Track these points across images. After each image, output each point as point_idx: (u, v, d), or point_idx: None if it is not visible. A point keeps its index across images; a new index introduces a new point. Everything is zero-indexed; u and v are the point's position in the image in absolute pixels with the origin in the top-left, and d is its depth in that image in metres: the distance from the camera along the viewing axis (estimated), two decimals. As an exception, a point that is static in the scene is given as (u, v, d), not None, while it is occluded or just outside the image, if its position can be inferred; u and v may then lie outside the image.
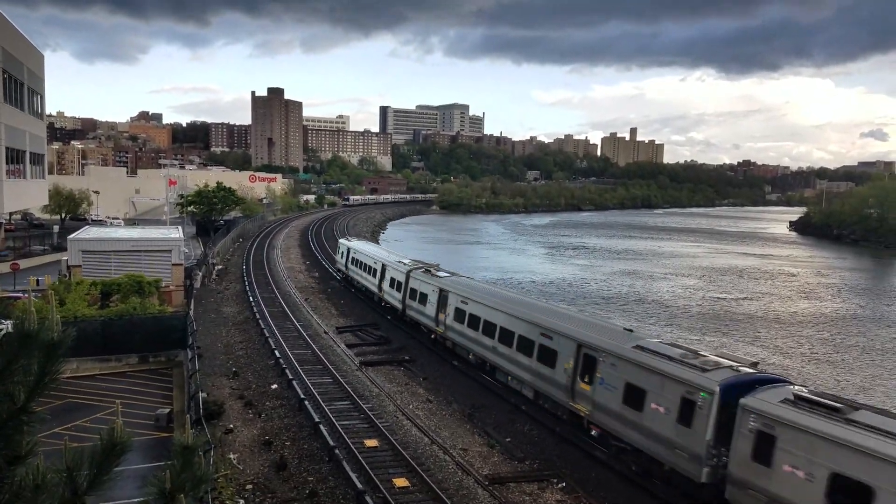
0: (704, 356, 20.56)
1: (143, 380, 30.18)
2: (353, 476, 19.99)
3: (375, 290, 46.58)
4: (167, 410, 25.02)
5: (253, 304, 46.65)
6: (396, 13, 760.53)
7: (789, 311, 63.10)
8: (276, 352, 34.01)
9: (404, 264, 42.44)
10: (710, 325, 55.73)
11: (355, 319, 44.59)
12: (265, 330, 38.85)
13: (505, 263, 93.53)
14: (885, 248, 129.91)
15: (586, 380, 23.21)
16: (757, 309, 63.16)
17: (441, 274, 38.43)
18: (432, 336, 36.95)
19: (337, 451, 21.77)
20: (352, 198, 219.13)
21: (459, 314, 32.91)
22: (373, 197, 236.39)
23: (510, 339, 28.19)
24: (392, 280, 43.04)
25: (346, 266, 55.21)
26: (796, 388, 18.02)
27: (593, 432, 23.12)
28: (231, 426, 24.69)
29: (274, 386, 29.52)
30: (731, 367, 19.40)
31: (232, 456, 22.10)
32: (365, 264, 49.60)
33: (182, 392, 27.81)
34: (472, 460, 22.45)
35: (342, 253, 57.06)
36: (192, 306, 40.28)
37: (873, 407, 17.31)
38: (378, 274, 45.95)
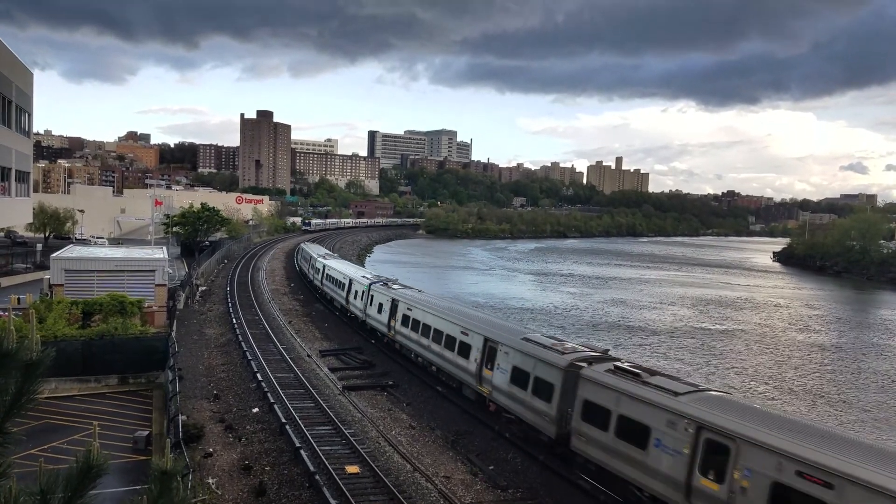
0: (391, 281, 44.90)
1: (123, 401, 29.75)
2: (334, 503, 19.71)
3: (307, 272, 69.43)
4: (146, 433, 24.64)
5: (236, 326, 46.25)
6: (382, 41, 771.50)
7: (779, 342, 63.30)
8: (258, 375, 33.65)
9: (320, 255, 65.17)
10: (699, 354, 55.95)
11: (339, 343, 44.29)
12: (247, 352, 38.46)
13: (494, 290, 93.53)
14: (868, 279, 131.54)
15: (355, 298, 47.16)
16: (748, 340, 63.27)
17: (328, 258, 63.29)
18: (318, 291, 61.39)
19: (317, 477, 21.48)
20: (314, 222, 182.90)
21: (326, 277, 57.23)
22: (333, 221, 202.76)
23: (335, 283, 53.42)
24: (313, 266, 65.00)
25: (298, 259, 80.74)
26: (389, 282, 43.43)
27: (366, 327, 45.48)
28: (210, 450, 24.32)
29: (255, 409, 29.16)
30: (383, 280, 45.15)
31: (211, 480, 21.73)
32: (305, 257, 73.16)
33: (162, 414, 27.43)
34: (455, 488, 22.22)
35: (298, 251, 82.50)
36: (174, 327, 39.84)
37: (402, 283, 44.60)
38: (309, 261, 69.09)
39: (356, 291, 46.76)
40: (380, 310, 41.21)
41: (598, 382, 21.31)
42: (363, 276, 47.76)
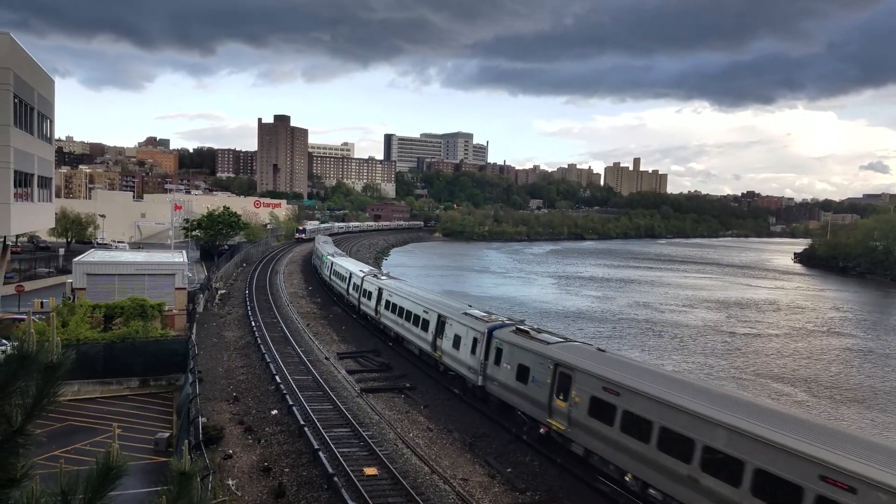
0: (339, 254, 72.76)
1: (144, 403, 30.06)
2: (352, 505, 19.74)
3: (314, 256, 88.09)
4: (167, 435, 24.86)
5: (255, 328, 46.56)
6: (393, 45, 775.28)
7: (810, 345, 62.17)
8: (277, 377, 33.84)
9: (322, 241, 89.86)
10: (729, 358, 55.36)
11: (356, 346, 44.42)
12: (266, 355, 38.70)
13: (514, 294, 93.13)
14: (892, 280, 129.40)
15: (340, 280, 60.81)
16: (777, 344, 62.25)
17: (325, 243, 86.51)
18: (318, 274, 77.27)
19: (336, 478, 21.54)
20: (308, 227, 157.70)
21: (316, 255, 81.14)
22: (327, 226, 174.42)
23: (319, 258, 77.37)
24: (316, 251, 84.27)
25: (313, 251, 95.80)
26: (336, 254, 71.42)
27: None
28: (230, 451, 24.48)
29: (274, 412, 29.32)
30: (338, 252, 74.79)
31: (230, 482, 21.87)
32: (317, 243, 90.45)
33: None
34: (473, 490, 22.16)
35: (315, 244, 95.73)
36: (194, 330, 40.22)
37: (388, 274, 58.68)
38: (314, 247, 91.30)
39: (325, 263, 70.47)
40: (326, 268, 67.90)
41: (503, 339, 28.80)
42: (328, 253, 71.75)
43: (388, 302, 43.72)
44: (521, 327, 29.07)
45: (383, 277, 50.41)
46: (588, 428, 22.28)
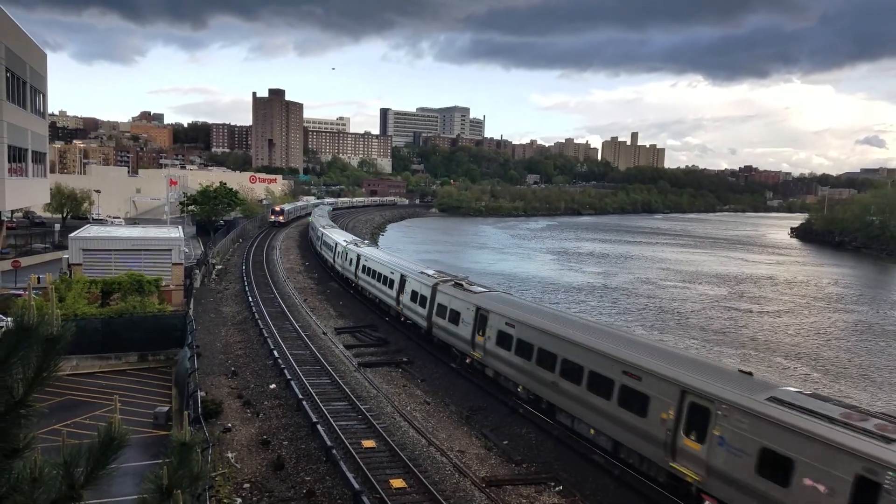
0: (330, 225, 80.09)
1: (143, 378, 30.22)
2: (350, 476, 19.99)
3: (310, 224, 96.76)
4: (166, 409, 25.04)
5: (252, 304, 46.67)
6: (385, 18, 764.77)
7: (810, 321, 62.19)
8: (275, 352, 34.02)
9: (317, 209, 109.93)
10: (731, 334, 55.70)
11: (354, 321, 44.60)
12: (264, 330, 38.86)
13: (512, 269, 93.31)
14: (888, 255, 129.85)
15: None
16: (778, 320, 62.23)
17: (318, 208, 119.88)
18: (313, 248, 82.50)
19: (334, 451, 21.78)
20: (287, 208, 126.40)
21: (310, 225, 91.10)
22: (302, 205, 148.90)
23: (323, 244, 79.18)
24: (317, 228, 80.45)
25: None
26: (328, 225, 78.13)
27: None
28: (229, 425, 24.71)
29: (272, 386, 29.54)
30: (335, 225, 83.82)
31: (230, 454, 22.12)
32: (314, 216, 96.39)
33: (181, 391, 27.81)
34: (470, 462, 22.46)
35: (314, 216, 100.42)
36: (191, 306, 40.30)
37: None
38: (313, 224, 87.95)
39: (311, 222, 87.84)
40: (310, 226, 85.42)
41: (348, 248, 53.90)
42: (316, 214, 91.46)
43: (322, 241, 67.89)
44: (359, 243, 56.73)
45: (329, 228, 71.06)
46: (364, 279, 48.43)
